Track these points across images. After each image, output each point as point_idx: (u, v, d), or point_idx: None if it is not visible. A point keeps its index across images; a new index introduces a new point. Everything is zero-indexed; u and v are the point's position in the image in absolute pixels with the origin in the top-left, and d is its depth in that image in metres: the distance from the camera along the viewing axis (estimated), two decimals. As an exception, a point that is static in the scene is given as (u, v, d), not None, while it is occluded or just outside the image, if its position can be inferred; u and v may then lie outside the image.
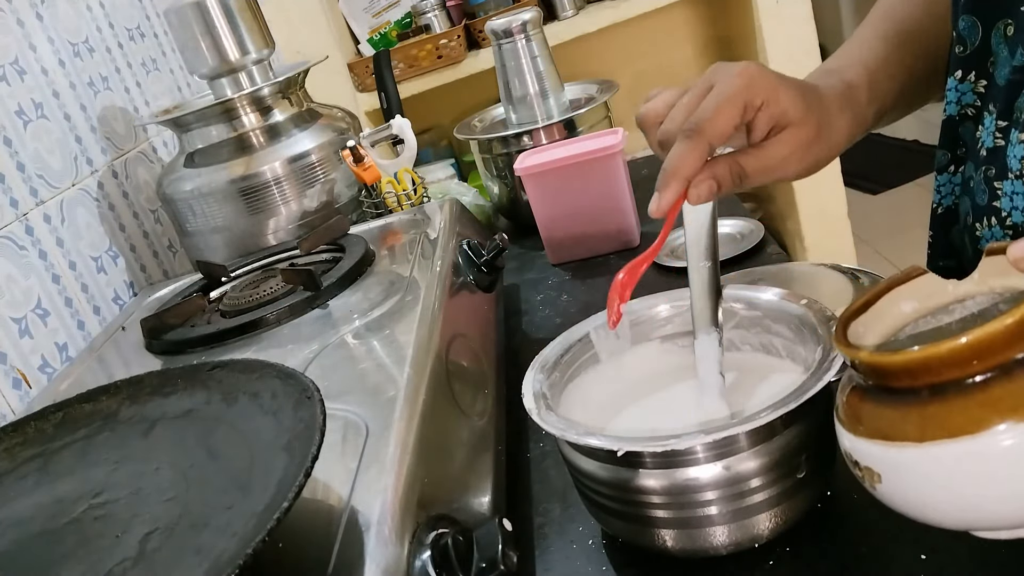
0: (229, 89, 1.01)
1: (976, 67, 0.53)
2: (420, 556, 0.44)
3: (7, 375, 0.80)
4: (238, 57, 0.99)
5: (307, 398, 0.47)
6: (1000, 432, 0.33)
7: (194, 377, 0.56)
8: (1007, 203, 0.49)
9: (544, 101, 1.14)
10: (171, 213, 1.05)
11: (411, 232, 0.89)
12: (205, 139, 1.02)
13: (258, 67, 1.02)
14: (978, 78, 0.53)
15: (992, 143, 0.50)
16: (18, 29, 0.97)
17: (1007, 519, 0.35)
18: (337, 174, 1.04)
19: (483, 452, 0.59)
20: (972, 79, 0.54)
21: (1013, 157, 0.48)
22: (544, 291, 0.95)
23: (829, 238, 1.94)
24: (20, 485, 0.53)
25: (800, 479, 0.47)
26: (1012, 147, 0.49)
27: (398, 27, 1.81)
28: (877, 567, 0.48)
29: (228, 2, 0.97)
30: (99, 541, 0.45)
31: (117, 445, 0.54)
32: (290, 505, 0.38)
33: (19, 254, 0.87)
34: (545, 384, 0.54)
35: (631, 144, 1.07)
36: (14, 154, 0.90)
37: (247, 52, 0.99)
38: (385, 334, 0.65)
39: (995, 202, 0.50)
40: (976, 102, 0.54)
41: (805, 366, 0.50)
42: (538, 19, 1.12)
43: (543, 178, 0.98)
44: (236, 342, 0.72)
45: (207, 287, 0.89)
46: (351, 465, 0.49)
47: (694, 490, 0.46)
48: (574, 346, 0.58)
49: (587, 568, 0.53)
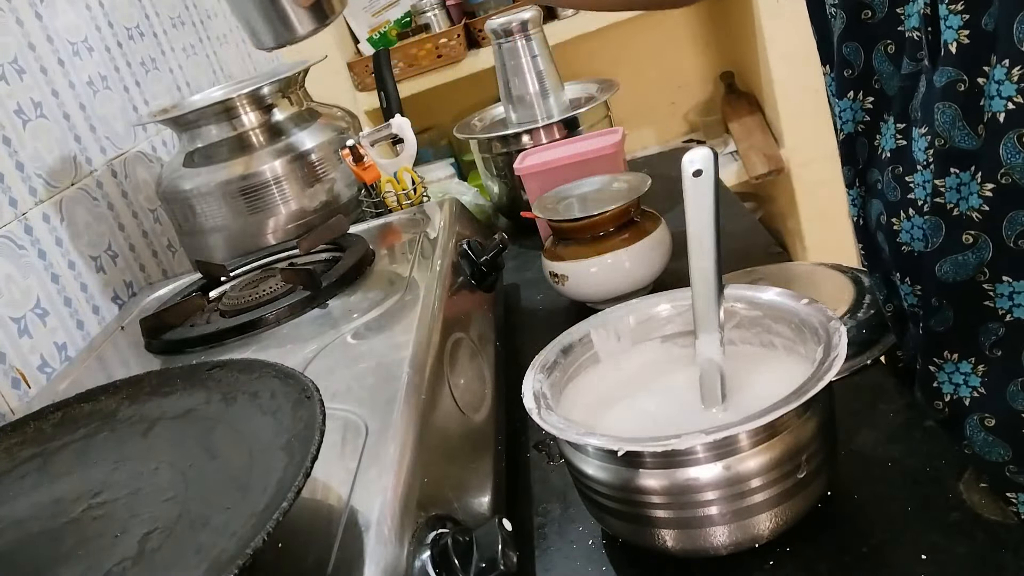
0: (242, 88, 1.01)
1: (864, 86, 0.59)
2: (420, 556, 0.44)
3: (6, 375, 0.80)
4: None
5: (307, 398, 0.47)
6: (605, 257, 0.80)
7: (193, 377, 0.56)
8: (920, 192, 0.56)
9: (544, 100, 1.14)
10: (170, 212, 1.04)
11: (411, 232, 0.89)
12: (205, 138, 1.01)
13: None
14: (865, 96, 0.60)
15: (894, 144, 0.57)
16: (17, 28, 0.97)
17: (610, 294, 0.80)
18: (337, 173, 1.04)
19: (483, 452, 0.59)
20: (860, 97, 0.60)
21: (918, 150, 0.55)
22: (544, 291, 0.95)
23: (829, 238, 1.94)
24: (19, 485, 0.53)
25: (800, 479, 0.47)
26: (915, 142, 0.55)
27: (398, 26, 1.81)
28: (877, 567, 0.47)
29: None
30: (98, 541, 0.45)
31: (116, 445, 0.54)
32: (290, 505, 0.38)
33: (18, 254, 0.87)
34: (545, 384, 0.54)
35: (631, 143, 1.07)
36: (13, 153, 0.90)
37: None
38: (385, 334, 0.65)
39: (908, 195, 0.57)
40: (866, 118, 0.60)
41: (805, 366, 0.50)
42: (538, 18, 1.12)
43: (543, 177, 0.98)
44: (235, 342, 0.72)
45: (206, 287, 0.88)
46: (351, 465, 0.49)
47: (694, 490, 0.46)
48: (574, 346, 0.58)
49: (587, 568, 0.53)
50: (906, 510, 0.50)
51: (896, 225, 0.58)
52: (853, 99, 0.60)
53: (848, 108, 0.61)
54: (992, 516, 0.49)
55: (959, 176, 0.52)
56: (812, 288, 0.72)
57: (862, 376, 0.63)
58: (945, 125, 0.52)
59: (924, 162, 0.55)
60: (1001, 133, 0.49)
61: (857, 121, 0.61)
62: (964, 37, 0.49)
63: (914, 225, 0.57)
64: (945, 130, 0.52)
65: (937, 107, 0.52)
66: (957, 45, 0.50)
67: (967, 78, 0.50)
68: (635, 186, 0.83)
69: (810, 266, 0.79)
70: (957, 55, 0.50)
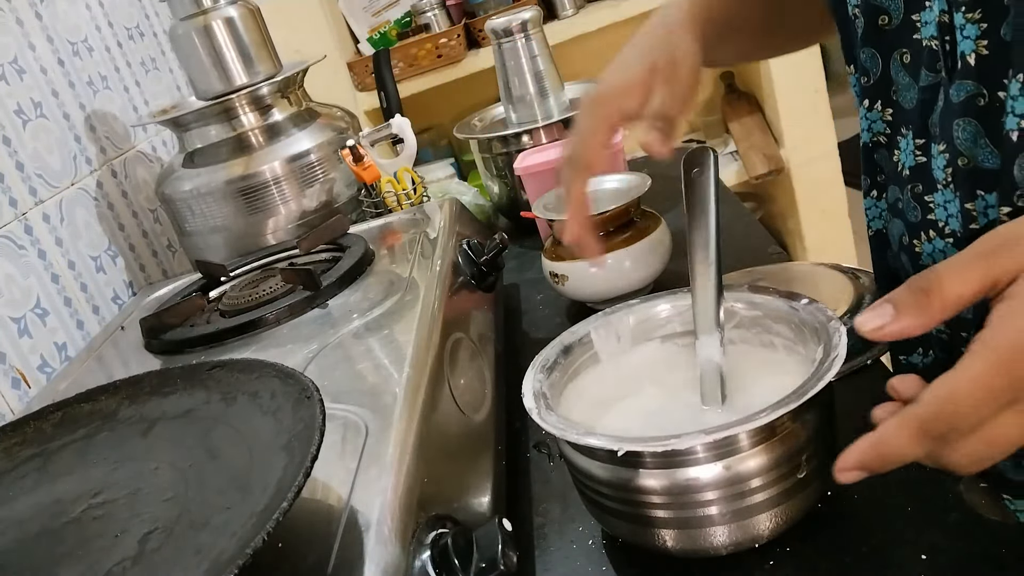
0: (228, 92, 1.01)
1: (882, 96, 0.56)
2: (420, 556, 0.44)
3: (6, 375, 0.80)
4: (245, 81, 1.00)
5: (307, 398, 0.47)
6: (605, 257, 0.79)
7: (193, 377, 0.56)
8: (941, 213, 0.51)
9: (544, 100, 1.14)
10: (170, 213, 1.04)
11: (411, 232, 0.89)
12: (204, 139, 1.01)
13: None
14: (884, 107, 0.56)
15: (913, 161, 0.53)
16: (17, 28, 0.97)
17: (610, 294, 0.81)
18: (337, 173, 1.04)
19: (483, 452, 0.59)
20: (879, 108, 0.56)
21: (937, 168, 0.50)
22: (544, 291, 0.94)
23: (829, 238, 1.94)
24: (19, 485, 0.53)
25: (800, 479, 0.47)
26: (935, 159, 0.51)
27: (398, 26, 1.81)
28: (877, 567, 0.47)
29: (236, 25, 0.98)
30: (98, 541, 0.45)
31: (116, 445, 0.54)
32: (290, 505, 0.38)
33: (18, 253, 0.87)
34: (545, 384, 0.54)
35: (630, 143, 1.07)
36: (13, 153, 0.90)
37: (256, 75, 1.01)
38: (385, 334, 0.65)
39: (929, 215, 0.52)
40: (886, 130, 0.56)
41: (805, 366, 0.50)
42: (538, 18, 1.12)
43: (543, 177, 0.98)
44: (235, 342, 0.72)
45: (206, 287, 0.89)
46: (351, 465, 0.49)
47: (694, 490, 0.46)
48: (574, 346, 0.58)
49: (587, 568, 0.53)
50: (906, 510, 0.50)
51: (918, 247, 0.54)
52: (869, 108, 0.57)
53: (864, 116, 0.58)
54: (992, 516, 0.49)
55: (984, 198, 0.48)
56: (812, 288, 0.72)
57: (862, 376, 0.63)
58: (967, 143, 0.48)
59: (944, 181, 0.50)
60: (1015, 153, 0.45)
61: (875, 132, 0.58)
62: (982, 48, 0.45)
63: (935, 248, 0.53)
64: (967, 148, 0.48)
65: (956, 124, 0.48)
66: (976, 57, 0.46)
67: (987, 92, 0.46)
68: (635, 186, 0.83)
69: (810, 266, 0.79)
70: (975, 67, 0.46)
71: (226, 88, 1.00)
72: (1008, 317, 0.36)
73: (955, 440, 0.36)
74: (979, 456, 0.37)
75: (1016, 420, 0.36)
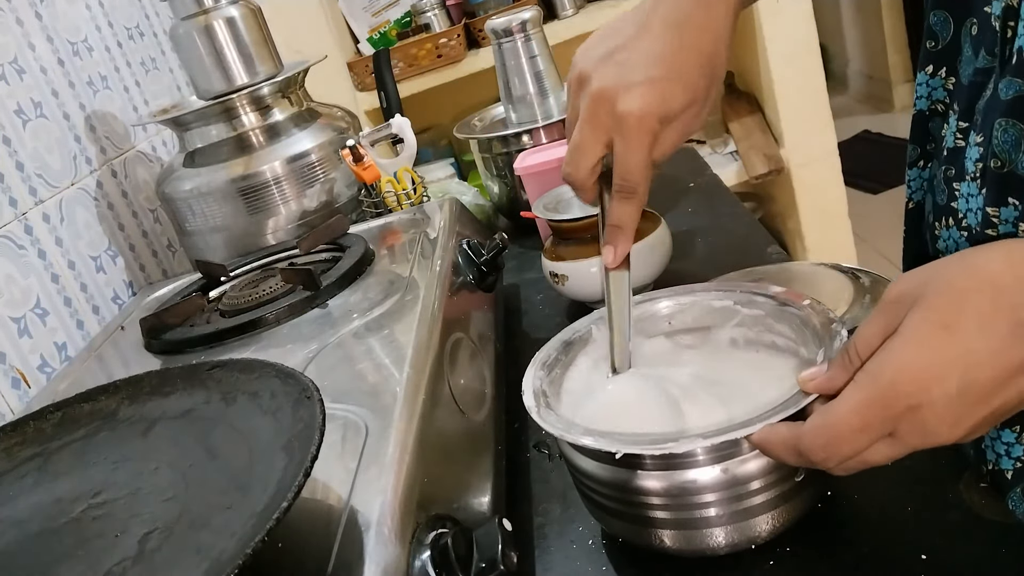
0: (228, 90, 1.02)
1: (947, 63, 0.53)
2: (420, 556, 0.44)
3: (6, 375, 0.80)
4: (246, 81, 1.01)
5: (306, 398, 0.47)
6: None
7: (193, 377, 0.56)
8: (963, 204, 0.50)
9: (544, 100, 1.14)
10: (170, 213, 1.04)
11: (411, 231, 0.89)
12: (204, 138, 1.01)
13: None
14: (948, 75, 0.53)
15: (953, 143, 0.51)
16: (17, 28, 0.97)
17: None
18: (337, 173, 1.03)
19: (483, 452, 0.59)
20: (943, 75, 0.53)
21: (969, 159, 0.49)
22: (544, 291, 0.94)
23: (829, 238, 1.94)
24: (19, 485, 0.53)
25: (799, 482, 0.47)
26: (970, 148, 0.49)
27: (398, 26, 1.81)
28: (877, 567, 0.47)
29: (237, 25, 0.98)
30: (98, 541, 0.45)
31: (116, 445, 0.54)
32: (289, 505, 0.38)
33: (18, 253, 0.87)
34: (545, 381, 0.54)
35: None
36: (13, 153, 0.90)
37: (257, 75, 1.01)
38: (384, 334, 0.65)
39: (952, 203, 0.51)
40: (946, 99, 0.54)
41: (806, 367, 0.50)
42: (538, 18, 1.12)
43: (543, 177, 0.98)
44: (235, 342, 0.72)
45: (206, 287, 0.89)
46: (351, 465, 0.49)
47: (693, 492, 0.46)
48: (575, 342, 0.58)
49: (587, 568, 0.53)
50: (906, 510, 0.50)
51: (937, 230, 0.52)
52: (932, 74, 0.53)
53: (925, 83, 0.54)
54: (992, 516, 0.49)
55: (1018, 208, 0.44)
56: (812, 288, 0.72)
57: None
58: (1005, 147, 0.44)
59: (972, 174, 0.48)
60: None
61: (934, 100, 0.54)
62: None
63: (951, 237, 0.51)
64: (1004, 152, 0.44)
65: (998, 123, 0.44)
66: None
67: None
68: None
69: (810, 266, 0.78)
70: None
71: (227, 88, 1.00)
72: (893, 351, 0.39)
73: (831, 464, 0.41)
74: (852, 469, 0.42)
75: (889, 448, 0.40)
